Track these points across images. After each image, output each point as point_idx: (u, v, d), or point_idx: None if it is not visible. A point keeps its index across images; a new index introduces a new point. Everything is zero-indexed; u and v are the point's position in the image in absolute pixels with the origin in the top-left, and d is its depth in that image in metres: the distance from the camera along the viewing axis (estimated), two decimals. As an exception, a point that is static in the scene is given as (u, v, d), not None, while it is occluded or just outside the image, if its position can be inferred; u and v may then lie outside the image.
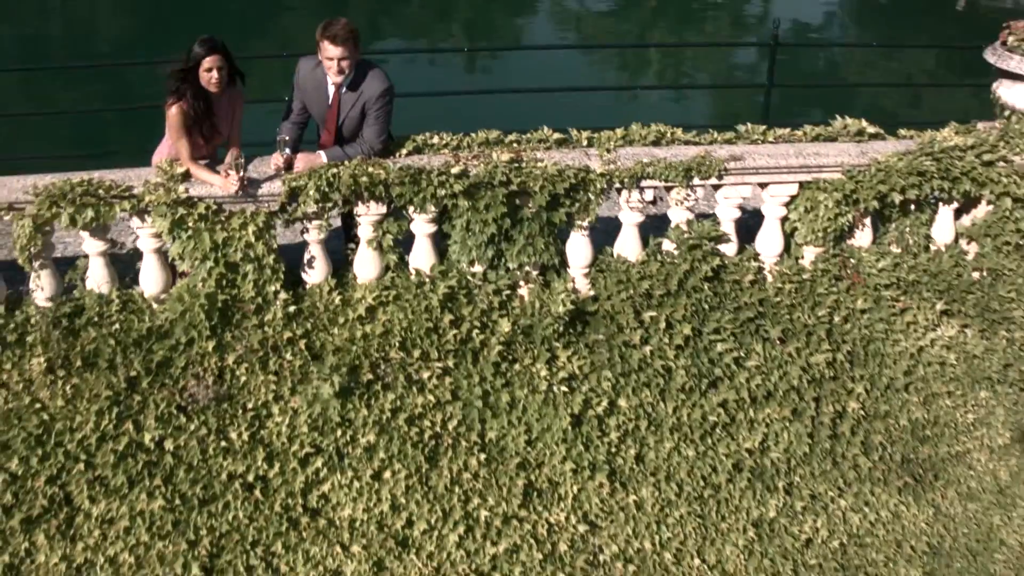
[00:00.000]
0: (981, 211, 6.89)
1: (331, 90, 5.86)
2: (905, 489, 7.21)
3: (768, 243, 6.57)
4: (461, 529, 6.44)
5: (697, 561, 6.97)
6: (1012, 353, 7.03)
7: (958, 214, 7.00)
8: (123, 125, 10.06)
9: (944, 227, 6.87)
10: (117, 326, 5.76)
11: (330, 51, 5.61)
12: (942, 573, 7.61)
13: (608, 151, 6.18)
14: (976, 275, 6.91)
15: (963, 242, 6.98)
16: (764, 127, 6.57)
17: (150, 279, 5.83)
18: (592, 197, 6.10)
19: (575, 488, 6.53)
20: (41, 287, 5.72)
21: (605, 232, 6.52)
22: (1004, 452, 7.37)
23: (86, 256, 5.86)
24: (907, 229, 6.77)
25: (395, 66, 7.71)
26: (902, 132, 6.83)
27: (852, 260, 6.69)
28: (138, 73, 11.53)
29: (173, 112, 5.50)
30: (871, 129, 6.75)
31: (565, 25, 19.54)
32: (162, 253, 5.86)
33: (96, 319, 5.77)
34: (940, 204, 6.87)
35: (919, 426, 7.04)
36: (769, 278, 6.57)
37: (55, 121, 11.49)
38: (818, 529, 7.13)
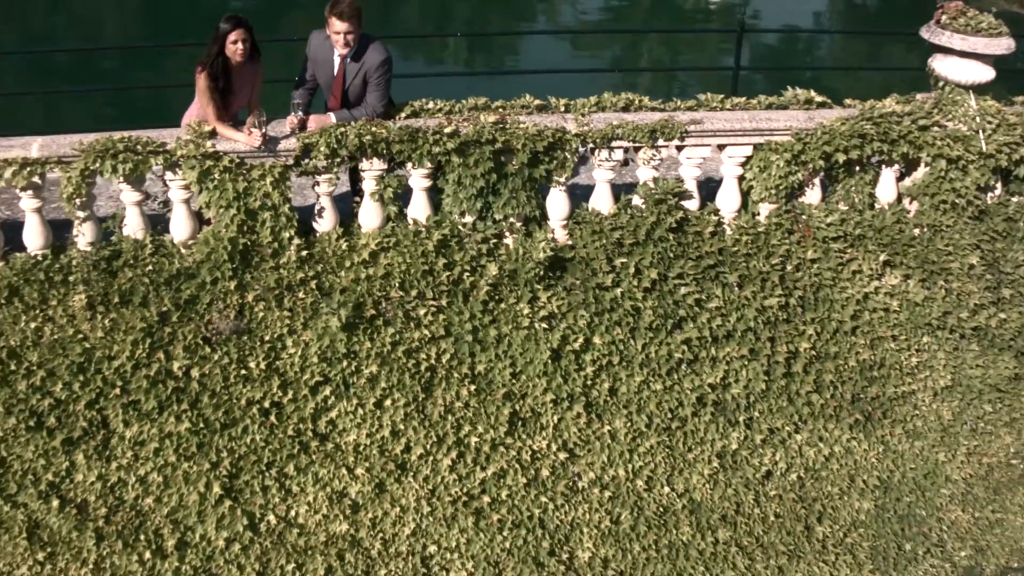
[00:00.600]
0: (920, 173, 7.69)
1: (337, 61, 6.69)
2: (856, 426, 7.98)
3: (727, 200, 7.37)
4: (454, 454, 7.22)
5: (667, 489, 7.74)
6: (950, 302, 7.81)
7: (902, 176, 7.81)
8: (157, 100, 10.91)
9: (887, 187, 7.67)
10: (150, 267, 6.55)
11: (337, 26, 6.45)
12: (892, 506, 8.38)
13: (582, 115, 6.99)
14: (916, 231, 7.70)
15: (906, 201, 7.78)
16: (722, 96, 7.39)
17: (179, 227, 6.63)
18: (568, 155, 6.91)
19: (555, 418, 7.30)
20: (83, 233, 6.51)
21: (584, 196, 7.32)
22: (946, 394, 8.14)
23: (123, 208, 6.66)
24: (853, 189, 7.57)
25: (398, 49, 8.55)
26: (847, 101, 7.64)
27: (803, 216, 7.49)
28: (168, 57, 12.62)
29: (202, 77, 6.33)
30: (819, 99, 7.57)
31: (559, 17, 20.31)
32: (189, 204, 6.65)
33: (132, 261, 6.56)
34: (883, 167, 7.67)
35: (867, 367, 7.81)
36: (728, 231, 7.37)
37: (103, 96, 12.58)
38: (777, 462, 7.90)
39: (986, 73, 7.51)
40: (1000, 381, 8.19)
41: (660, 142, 7.04)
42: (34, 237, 6.51)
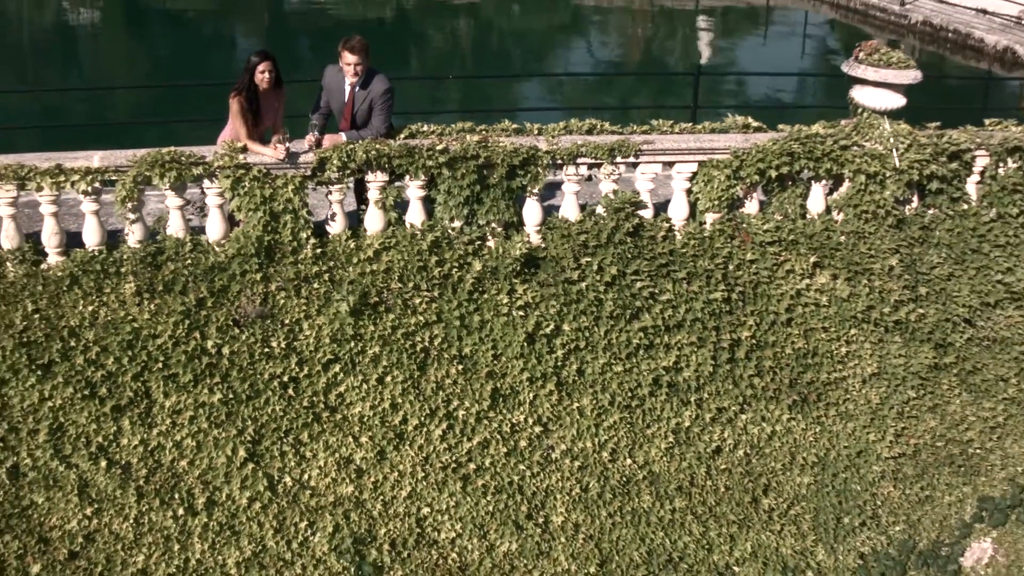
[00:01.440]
0: (844, 187, 9.00)
1: (347, 89, 8.03)
2: (794, 407, 9.18)
3: (677, 209, 8.67)
4: (444, 426, 8.42)
5: (629, 461, 8.93)
6: (873, 298, 9.06)
7: (831, 191, 9.11)
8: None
9: (816, 199, 8.97)
10: (189, 261, 7.82)
11: (348, 58, 7.80)
12: (829, 481, 9.55)
13: (552, 136, 8.32)
14: (842, 237, 8.98)
15: (834, 212, 9.07)
16: (672, 122, 8.73)
17: (214, 228, 7.91)
18: (540, 170, 8.22)
19: (531, 395, 8.51)
20: (133, 232, 7.79)
21: (557, 208, 8.61)
22: (874, 380, 9.35)
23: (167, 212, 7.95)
24: (786, 200, 8.87)
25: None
26: (780, 126, 8.98)
27: (743, 223, 8.78)
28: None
29: (235, 101, 7.66)
30: (755, 124, 8.90)
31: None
32: (223, 208, 7.94)
33: (174, 256, 7.83)
34: (813, 182, 8.98)
35: (801, 355, 9.04)
36: (678, 235, 8.65)
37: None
38: (725, 439, 9.09)
39: (897, 100, 8.86)
40: (921, 370, 9.40)
41: (618, 159, 8.35)
42: (92, 235, 7.79)
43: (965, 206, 9.38)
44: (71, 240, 7.89)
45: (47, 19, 28.74)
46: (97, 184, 7.64)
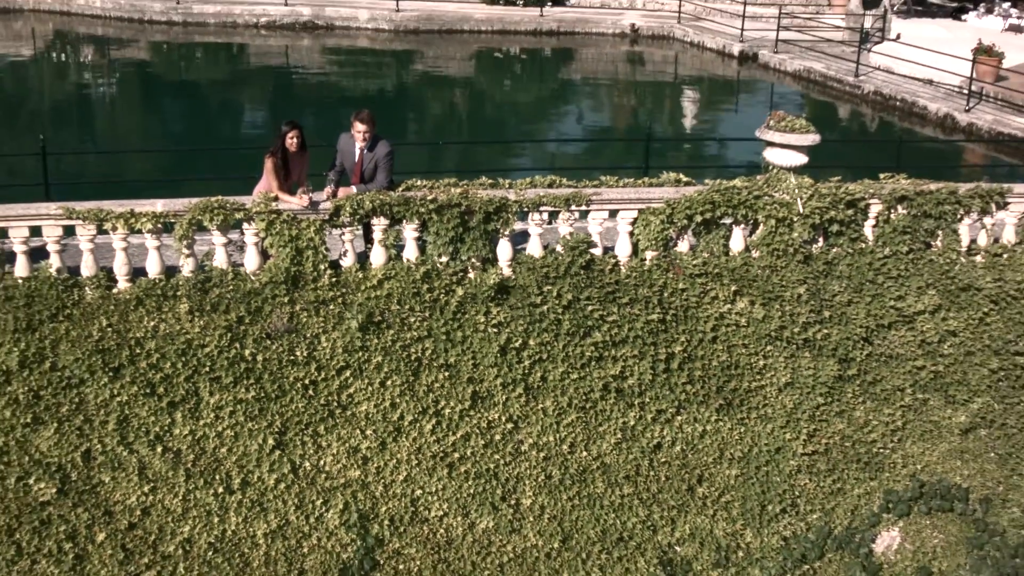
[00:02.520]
0: (760, 230, 11.09)
1: (357, 151, 10.17)
2: (721, 410, 11.17)
3: (622, 248, 10.75)
4: (433, 421, 10.40)
5: (585, 453, 10.89)
6: (785, 320, 11.09)
7: (752, 233, 11.19)
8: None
9: (737, 240, 11.06)
10: (231, 287, 9.88)
11: (358, 127, 9.96)
12: (753, 473, 11.49)
13: (520, 189, 10.44)
14: (759, 270, 11.05)
15: (752, 250, 11.15)
16: (616, 178, 10.86)
17: (251, 261, 9.99)
18: (510, 216, 10.32)
19: (504, 397, 10.51)
20: (187, 264, 9.87)
21: (524, 246, 10.68)
22: (788, 389, 11.34)
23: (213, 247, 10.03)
24: (712, 241, 10.96)
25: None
26: (707, 180, 11.10)
27: (676, 259, 10.86)
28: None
29: (269, 161, 9.79)
30: (685, 179, 11.03)
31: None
32: (258, 245, 10.02)
33: (219, 283, 9.89)
34: (735, 226, 11.07)
35: (726, 367, 11.05)
36: (622, 269, 10.72)
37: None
38: (664, 436, 11.06)
39: (800, 159, 11.01)
40: (828, 380, 11.40)
41: (572, 207, 10.46)
42: (154, 266, 9.87)
43: (862, 245, 11.46)
44: (135, 271, 9.96)
45: (68, 88, 31.18)
46: (160, 225, 9.74)
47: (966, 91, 24.28)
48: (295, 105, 27.57)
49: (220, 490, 10.11)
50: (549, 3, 35.65)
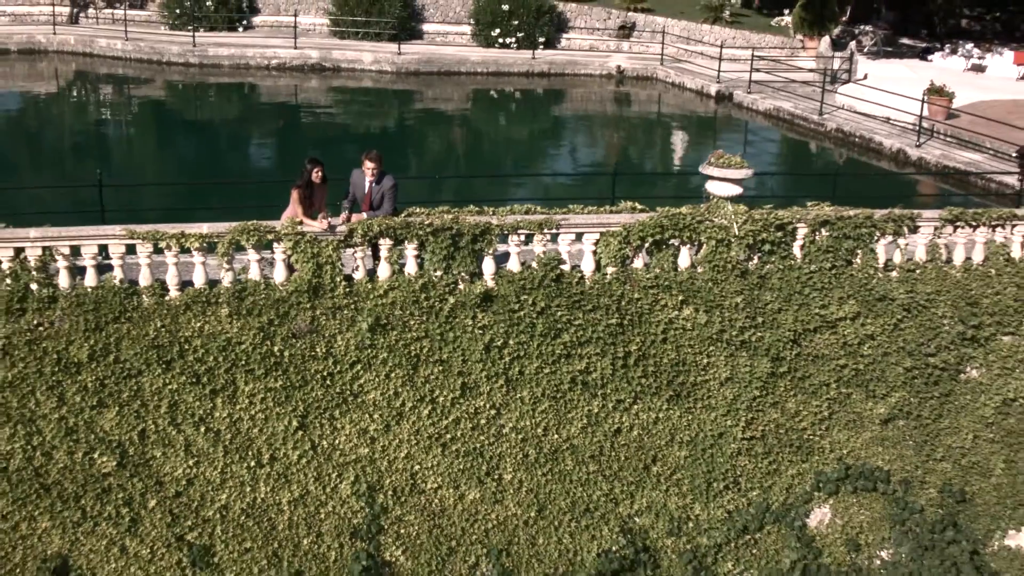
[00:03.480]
0: (703, 250, 13.25)
1: (367, 185, 12.36)
2: (671, 400, 13.26)
3: (586, 264, 12.89)
4: (430, 407, 12.51)
5: (556, 436, 12.98)
6: (724, 324, 13.21)
7: (697, 252, 13.33)
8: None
9: (684, 258, 13.20)
10: (263, 295, 12.02)
11: (368, 164, 12.15)
12: (699, 455, 13.55)
13: (501, 215, 12.62)
14: (702, 283, 13.18)
15: (697, 267, 13.30)
16: (583, 206, 13.03)
17: (279, 274, 12.14)
18: (493, 238, 12.47)
19: (488, 388, 12.62)
20: (227, 276, 12.02)
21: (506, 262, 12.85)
22: (728, 383, 13.43)
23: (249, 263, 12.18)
24: (662, 258, 13.11)
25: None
26: (658, 208, 13.26)
27: (632, 274, 13.00)
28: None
29: (295, 192, 11.97)
30: (640, 207, 13.20)
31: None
32: (286, 261, 12.17)
33: (253, 292, 12.03)
34: (682, 246, 13.23)
35: (675, 364, 13.15)
36: (587, 281, 12.87)
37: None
38: (623, 422, 13.15)
39: (735, 190, 13.18)
40: (763, 376, 13.49)
41: (545, 231, 12.63)
42: (199, 278, 12.02)
43: (791, 261, 13.60)
44: (184, 282, 12.12)
45: (93, 123, 33.56)
46: (205, 244, 11.91)
47: (920, 128, 26.56)
48: (304, 140, 29.99)
49: (252, 464, 12.21)
50: (541, 46, 38.09)
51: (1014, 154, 23.00)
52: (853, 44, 35.19)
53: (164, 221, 12.38)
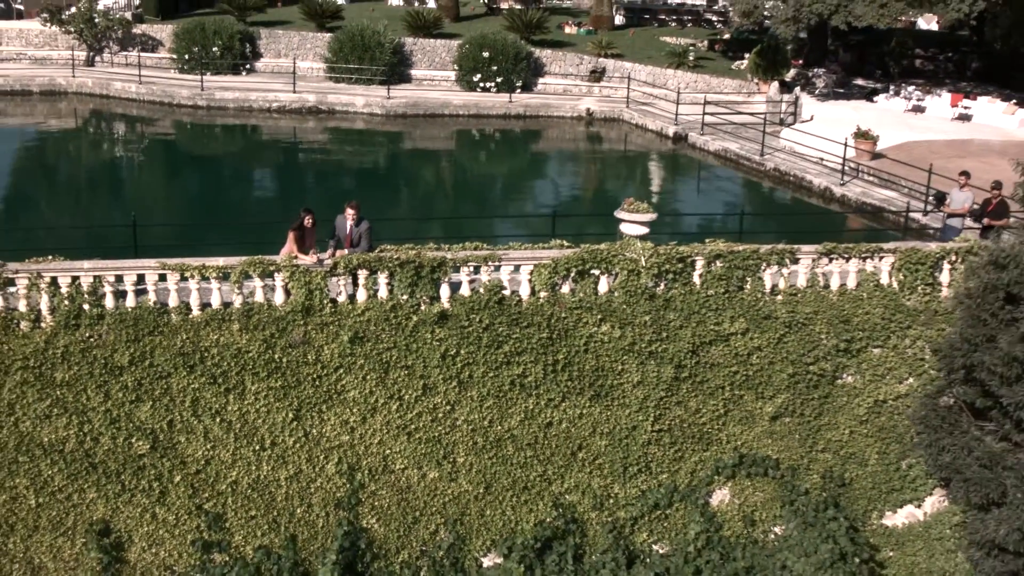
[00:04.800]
0: (618, 278, 16.55)
1: (348, 227, 15.68)
2: (593, 399, 16.51)
3: (523, 290, 16.20)
4: (397, 404, 15.77)
5: (499, 427, 16.23)
6: (635, 338, 16.48)
7: (615, 280, 16.62)
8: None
9: (602, 284, 16.51)
10: (266, 313, 15.31)
11: (349, 212, 15.50)
12: (616, 444, 16.76)
13: (454, 252, 15.93)
14: (617, 305, 16.47)
15: (614, 292, 16.59)
16: (520, 243, 16.34)
17: (279, 297, 15.44)
18: (448, 269, 15.78)
19: (444, 388, 15.88)
20: (237, 299, 15.30)
21: (459, 288, 16.12)
22: (640, 385, 16.67)
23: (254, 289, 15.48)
24: (585, 285, 16.40)
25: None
26: (583, 245, 16.55)
27: (560, 298, 16.29)
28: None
29: (292, 235, 15.30)
30: (567, 244, 16.52)
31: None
32: (285, 288, 15.47)
33: (258, 311, 15.32)
34: (602, 276, 16.52)
35: (595, 369, 16.40)
36: (524, 303, 16.14)
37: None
38: (554, 416, 16.39)
39: (643, 230, 16.54)
40: (668, 380, 16.74)
41: (490, 263, 15.94)
42: (215, 300, 15.31)
43: (691, 287, 16.89)
44: (204, 303, 15.41)
45: (103, 159, 37.01)
46: (221, 274, 15.21)
47: (849, 167, 29.94)
48: (302, 177, 33.47)
49: (256, 448, 15.45)
50: (518, 90, 41.60)
51: (932, 198, 26.11)
52: (798, 90, 38.63)
53: (184, 251, 15.70)
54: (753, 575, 17.15)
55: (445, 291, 15.91)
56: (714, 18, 53.32)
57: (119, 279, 15.19)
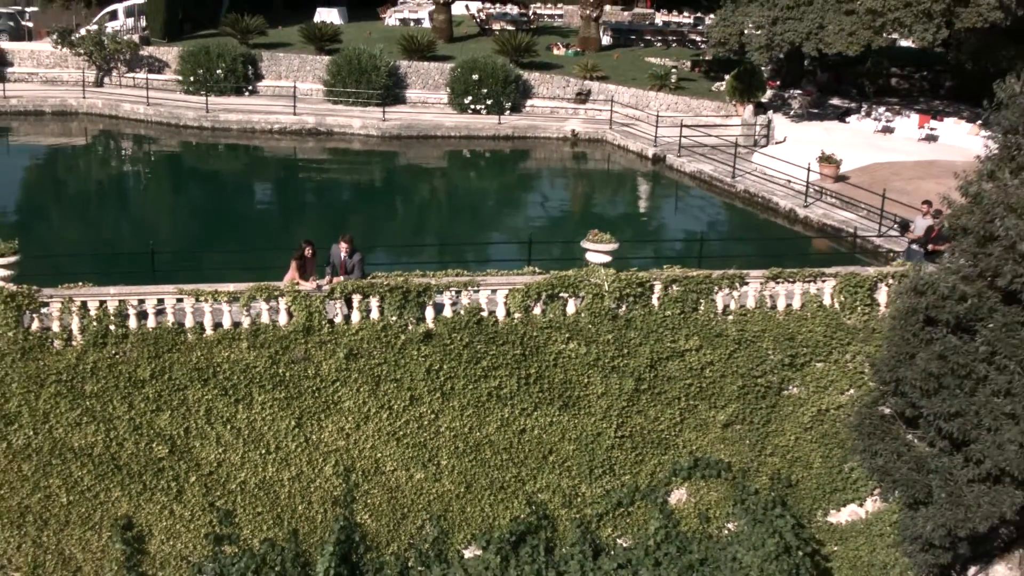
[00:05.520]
0: (584, 301, 18.58)
1: (343, 256, 17.74)
2: (561, 408, 18.55)
3: (499, 311, 18.24)
4: (386, 413, 17.80)
5: (478, 433, 18.27)
6: (599, 354, 18.51)
7: (582, 302, 18.65)
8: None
9: (570, 306, 18.55)
10: (271, 333, 17.35)
11: (343, 244, 17.57)
12: (583, 447, 18.80)
13: (438, 278, 17.98)
14: (583, 324, 18.51)
15: (580, 313, 18.62)
16: (497, 270, 18.39)
17: (283, 319, 17.48)
18: (432, 293, 17.83)
19: (429, 399, 17.92)
20: (245, 321, 17.35)
21: (442, 309, 18.17)
22: (603, 396, 18.70)
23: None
24: (555, 307, 18.43)
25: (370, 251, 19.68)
26: (552, 272, 18.59)
27: (533, 319, 18.33)
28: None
29: (294, 264, 17.36)
30: (538, 271, 18.57)
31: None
32: (288, 311, 17.51)
33: (264, 331, 17.34)
34: (568, 298, 18.56)
35: (563, 383, 18.44)
36: (500, 323, 18.18)
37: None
38: (527, 424, 18.43)
39: (606, 258, 18.58)
40: (629, 392, 18.77)
41: (469, 288, 17.99)
42: (227, 321, 17.34)
43: (650, 309, 18.93)
44: (216, 324, 17.45)
45: (112, 174, 39.19)
46: (231, 298, 17.25)
47: (813, 190, 32.02)
48: (302, 194, 35.63)
49: (262, 452, 17.49)
50: (507, 111, 43.68)
51: (896, 225, 28.08)
52: (771, 112, 40.69)
53: (196, 272, 17.78)
54: (707, 566, 19.14)
55: (430, 313, 17.95)
56: (698, 38, 55.36)
57: (141, 302, 17.21)
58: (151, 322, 17.19)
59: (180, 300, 17.29)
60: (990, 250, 16.90)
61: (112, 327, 17.03)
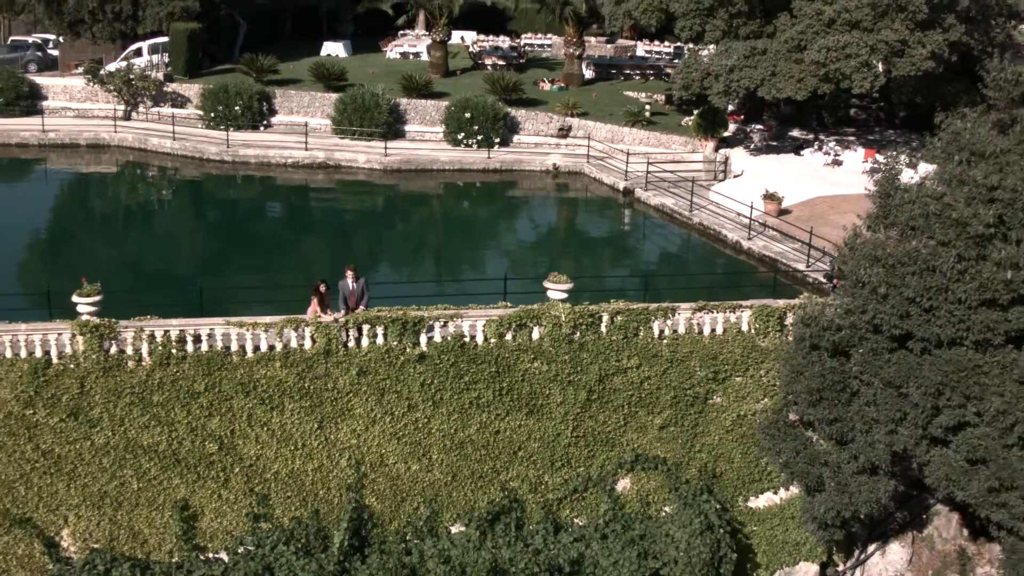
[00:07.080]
0: (546, 328, 23.37)
1: (351, 286, 22.56)
2: (528, 414, 23.35)
3: (479, 337, 23.03)
4: (389, 418, 22.62)
5: (462, 434, 23.10)
6: (558, 371, 23.27)
7: (544, 329, 23.43)
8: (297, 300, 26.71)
9: (535, 333, 23.32)
10: (298, 355, 22.13)
11: (349, 275, 22.42)
12: (547, 446, 23.62)
13: (429, 312, 22.77)
14: (547, 348, 23.29)
15: (543, 339, 23.40)
16: (475, 304, 23.20)
17: (308, 343, 22.28)
18: (425, 323, 22.62)
19: (422, 406, 22.73)
20: (278, 344, 22.14)
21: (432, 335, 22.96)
22: (562, 404, 23.47)
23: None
24: (522, 333, 23.20)
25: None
26: (521, 305, 23.37)
27: (505, 343, 23.11)
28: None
29: (314, 300, 22.16)
30: (509, 304, 23.35)
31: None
32: (311, 337, 22.30)
33: (292, 354, 22.15)
34: (534, 327, 23.34)
35: (529, 393, 23.22)
36: (479, 347, 22.96)
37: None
38: (501, 426, 23.25)
39: (563, 295, 23.38)
40: (581, 401, 23.52)
41: (454, 318, 22.78)
42: (263, 346, 22.15)
43: (599, 335, 23.67)
44: (255, 348, 22.23)
45: (139, 198, 44.06)
46: (266, 328, 22.05)
47: (757, 223, 36.72)
48: (312, 218, 40.54)
49: (292, 448, 22.30)
50: (496, 146, 48.46)
51: (825, 276, 32.66)
52: (726, 149, 45.40)
53: (236, 303, 22.55)
54: (646, 541, 23.87)
55: (423, 338, 22.75)
56: (673, 72, 60.06)
57: (197, 332, 22.01)
58: (204, 346, 21.97)
59: (227, 329, 22.09)
60: (860, 292, 21.69)
61: (173, 350, 21.81)
